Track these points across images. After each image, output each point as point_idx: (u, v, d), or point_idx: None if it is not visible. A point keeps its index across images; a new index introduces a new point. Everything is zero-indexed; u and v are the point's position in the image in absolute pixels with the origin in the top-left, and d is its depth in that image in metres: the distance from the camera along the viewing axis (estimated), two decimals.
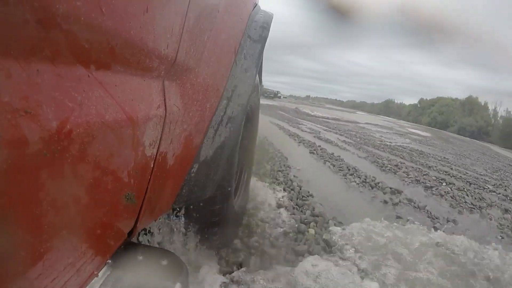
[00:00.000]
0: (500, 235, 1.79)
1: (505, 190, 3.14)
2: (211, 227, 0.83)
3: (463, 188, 2.81)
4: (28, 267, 0.26)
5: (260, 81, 1.20)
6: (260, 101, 1.38)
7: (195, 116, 0.56)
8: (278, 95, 25.63)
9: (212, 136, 0.64)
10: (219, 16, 0.60)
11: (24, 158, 0.23)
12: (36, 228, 0.26)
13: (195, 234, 0.84)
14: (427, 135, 13.10)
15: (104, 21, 0.28)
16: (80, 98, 0.28)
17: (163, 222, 0.80)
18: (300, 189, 1.91)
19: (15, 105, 0.22)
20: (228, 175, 0.76)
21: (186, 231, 0.82)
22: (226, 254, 1.02)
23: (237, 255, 1.04)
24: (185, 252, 0.85)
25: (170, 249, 0.78)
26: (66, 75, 0.26)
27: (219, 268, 0.92)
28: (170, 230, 0.81)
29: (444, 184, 2.84)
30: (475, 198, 2.52)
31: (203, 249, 0.89)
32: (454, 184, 2.92)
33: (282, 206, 1.54)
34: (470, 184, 3.13)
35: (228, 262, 0.99)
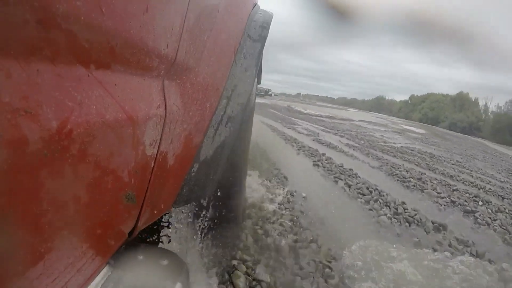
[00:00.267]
0: None
1: None
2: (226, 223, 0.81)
3: (503, 208, 2.54)
4: (29, 267, 0.26)
5: (259, 80, 1.20)
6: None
7: (195, 116, 0.56)
8: (269, 93, 25.61)
9: (212, 135, 0.64)
10: (219, 15, 0.60)
11: (24, 158, 0.23)
12: (36, 228, 0.26)
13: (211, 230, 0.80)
14: (423, 131, 13.01)
15: (104, 21, 0.28)
16: (80, 98, 0.28)
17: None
18: (319, 245, 1.30)
19: (15, 105, 0.22)
20: (243, 172, 0.75)
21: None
22: None
23: None
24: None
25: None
26: (66, 75, 0.26)
27: None
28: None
29: (480, 203, 2.59)
30: None
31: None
32: (491, 202, 2.68)
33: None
34: (503, 198, 2.95)
35: None
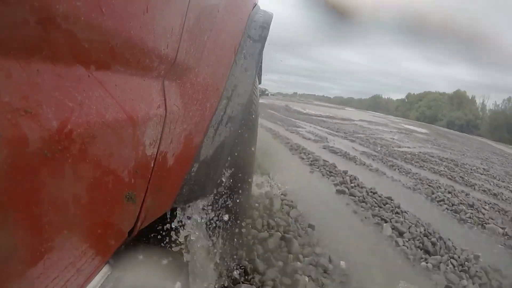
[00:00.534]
0: None
1: None
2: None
3: None
4: (29, 266, 0.26)
5: (259, 81, 1.20)
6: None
7: (195, 116, 0.56)
8: (266, 92, 25.79)
9: (212, 135, 0.64)
10: (219, 16, 0.60)
11: (24, 157, 0.23)
12: (36, 227, 0.26)
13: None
14: (425, 131, 12.93)
15: (104, 21, 0.28)
16: (80, 98, 0.28)
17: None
18: None
19: (15, 105, 0.22)
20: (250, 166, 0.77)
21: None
22: None
23: None
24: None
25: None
26: (66, 75, 0.26)
27: None
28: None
29: None
30: None
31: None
32: None
33: None
34: None
35: None
